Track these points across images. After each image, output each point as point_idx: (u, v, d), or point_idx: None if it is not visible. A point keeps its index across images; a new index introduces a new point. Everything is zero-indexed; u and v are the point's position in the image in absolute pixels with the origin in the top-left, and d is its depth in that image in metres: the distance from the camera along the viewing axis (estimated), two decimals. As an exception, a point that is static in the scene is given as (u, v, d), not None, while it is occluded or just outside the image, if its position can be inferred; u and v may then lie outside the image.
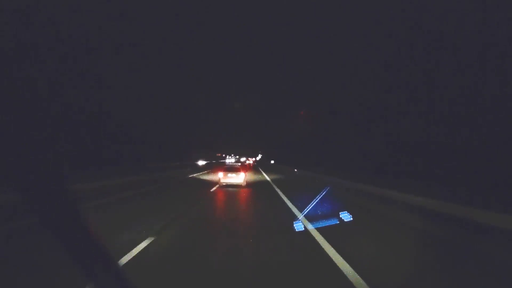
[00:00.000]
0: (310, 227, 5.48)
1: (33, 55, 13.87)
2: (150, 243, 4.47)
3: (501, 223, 4.62)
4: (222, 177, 13.67)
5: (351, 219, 5.74)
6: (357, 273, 3.34)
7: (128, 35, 22.09)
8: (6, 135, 1.45)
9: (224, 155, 68.61)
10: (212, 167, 34.67)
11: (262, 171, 28.70)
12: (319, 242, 4.59)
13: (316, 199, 7.17)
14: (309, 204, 6.96)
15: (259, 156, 59.66)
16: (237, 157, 69.92)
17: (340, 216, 5.76)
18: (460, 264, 3.93)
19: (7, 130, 1.47)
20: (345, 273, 3.36)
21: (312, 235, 5.05)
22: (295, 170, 23.80)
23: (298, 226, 5.39)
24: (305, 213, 6.68)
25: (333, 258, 3.88)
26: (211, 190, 12.30)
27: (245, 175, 14.22)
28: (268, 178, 19.69)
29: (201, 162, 40.03)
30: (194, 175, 22.53)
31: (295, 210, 7.70)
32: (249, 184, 14.80)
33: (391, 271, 3.57)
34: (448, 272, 3.59)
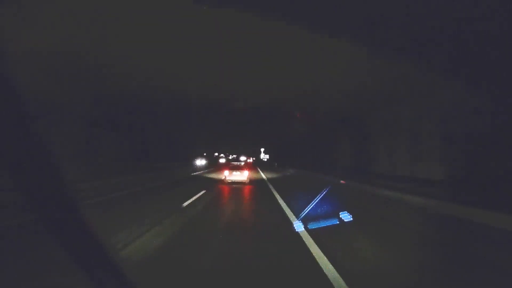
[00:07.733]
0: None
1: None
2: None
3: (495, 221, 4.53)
4: (227, 175, 14.63)
5: (351, 219, 5.67)
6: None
7: (126, 37, 21.88)
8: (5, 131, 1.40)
9: (223, 155, 67.68)
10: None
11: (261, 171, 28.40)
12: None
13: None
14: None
15: (263, 155, 50.82)
16: (235, 156, 68.93)
17: (340, 216, 5.69)
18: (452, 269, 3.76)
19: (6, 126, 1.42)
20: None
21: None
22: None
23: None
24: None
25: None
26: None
27: (249, 173, 15.29)
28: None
29: (200, 162, 38.78)
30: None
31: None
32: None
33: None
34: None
